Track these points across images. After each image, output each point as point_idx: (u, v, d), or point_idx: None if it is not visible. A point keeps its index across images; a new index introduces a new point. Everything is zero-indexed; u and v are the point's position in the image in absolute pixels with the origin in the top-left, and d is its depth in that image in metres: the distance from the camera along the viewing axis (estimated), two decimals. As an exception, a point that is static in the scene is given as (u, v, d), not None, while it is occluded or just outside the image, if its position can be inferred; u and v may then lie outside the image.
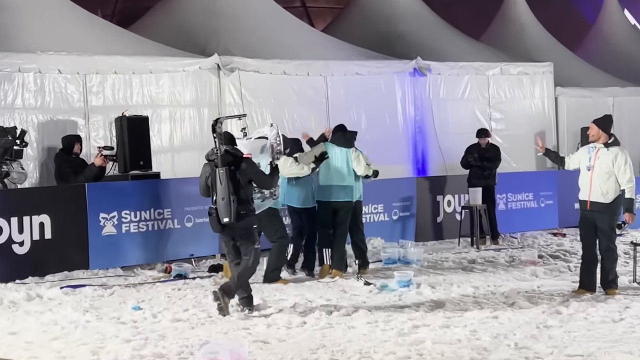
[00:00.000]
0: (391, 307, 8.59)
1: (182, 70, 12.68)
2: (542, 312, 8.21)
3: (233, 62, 12.95)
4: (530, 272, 10.61)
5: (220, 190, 8.43)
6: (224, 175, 8.42)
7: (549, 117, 16.94)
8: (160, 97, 12.59)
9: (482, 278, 10.43)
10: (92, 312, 8.34)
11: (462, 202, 14.10)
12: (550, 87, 16.98)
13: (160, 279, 10.34)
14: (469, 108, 15.85)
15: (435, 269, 11.15)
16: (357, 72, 14.48)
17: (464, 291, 9.41)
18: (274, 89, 13.58)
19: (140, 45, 13.12)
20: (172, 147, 12.70)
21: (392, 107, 14.92)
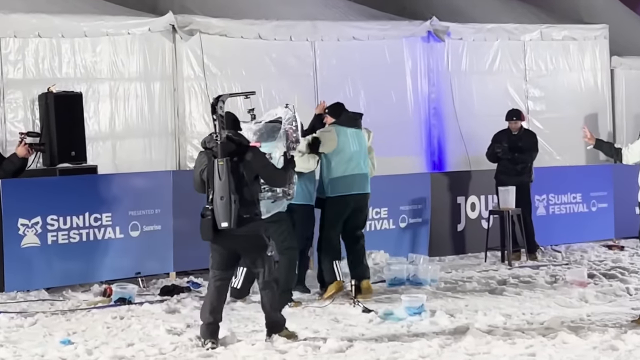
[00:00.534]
0: (397, 340, 8.49)
1: (127, 32, 12.64)
2: (592, 348, 8.11)
3: (193, 23, 12.94)
4: (578, 296, 10.57)
5: (218, 187, 8.42)
6: (224, 168, 8.40)
7: (603, 95, 17.01)
8: (97, 68, 12.56)
9: (515, 304, 10.34)
10: (7, 348, 8.26)
11: (490, 206, 14.12)
12: (604, 57, 17.05)
13: (97, 304, 10.34)
14: (500, 83, 15.92)
15: (455, 291, 11.11)
16: (354, 37, 14.51)
17: (491, 320, 9.31)
18: (246, 57, 13.60)
19: (71, 1, 13.05)
20: (113, 133, 12.68)
21: (400, 81, 14.95)
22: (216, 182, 8.42)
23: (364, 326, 9.23)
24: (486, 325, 9.11)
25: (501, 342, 8.36)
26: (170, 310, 9.99)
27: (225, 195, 8.38)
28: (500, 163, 13.77)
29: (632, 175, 9.89)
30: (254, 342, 8.41)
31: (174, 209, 11.73)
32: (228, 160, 8.39)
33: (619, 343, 8.23)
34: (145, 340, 8.50)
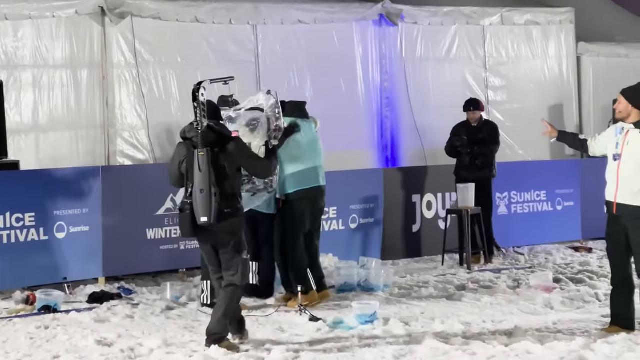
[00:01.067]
0: (348, 351, 8.56)
1: (51, 15, 12.63)
2: (559, 359, 8.21)
3: (124, 5, 12.98)
4: (543, 303, 10.71)
5: (198, 179, 8.50)
6: (204, 159, 8.51)
7: (568, 85, 17.30)
8: (19, 54, 12.56)
9: (475, 311, 10.48)
10: None
11: (448, 204, 14.28)
12: (570, 43, 17.33)
13: (19, 313, 10.34)
14: (458, 71, 16.17)
15: (410, 297, 11.21)
16: (299, 20, 14.63)
17: (449, 329, 9.42)
18: (182, 42, 13.68)
19: None
20: (36, 125, 12.70)
21: (350, 69, 15.11)
22: (196, 174, 8.51)
23: (311, 336, 9.25)
24: (444, 334, 9.18)
25: (460, 353, 8.45)
26: (99, 319, 9.98)
27: (206, 188, 8.48)
28: (460, 158, 13.88)
29: (600, 171, 9.82)
30: (191, 354, 8.43)
31: (103, 208, 11.71)
32: (209, 150, 8.51)
33: (588, 353, 8.33)
34: (73, 352, 8.50)
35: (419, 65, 15.91)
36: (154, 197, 12.39)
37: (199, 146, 8.50)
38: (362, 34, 15.33)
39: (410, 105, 15.59)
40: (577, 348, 8.40)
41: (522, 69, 17.04)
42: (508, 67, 16.85)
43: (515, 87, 17.01)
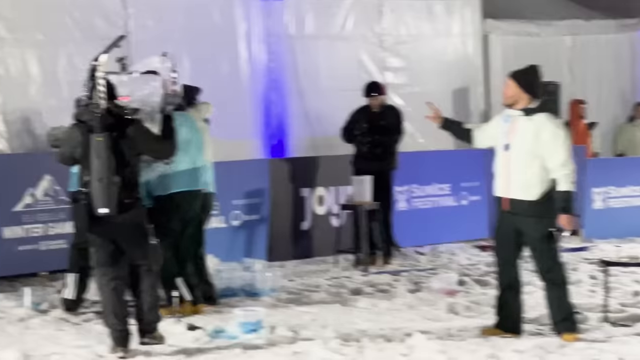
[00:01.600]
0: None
1: None
2: None
3: None
4: (446, 308, 10.79)
5: (96, 167, 8.42)
6: (103, 145, 8.46)
7: (474, 66, 17.51)
8: None
9: (371, 317, 10.51)
10: None
11: (342, 199, 14.29)
12: (476, 20, 17.55)
13: None
14: (352, 51, 16.17)
15: (300, 303, 11.23)
16: None
17: (343, 337, 9.35)
18: (41, 17, 13.49)
19: None
20: None
21: (232, 48, 15.06)
22: (93, 161, 8.47)
23: (188, 346, 9.17)
24: (338, 343, 9.11)
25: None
26: None
27: (105, 176, 8.45)
28: (358, 146, 13.87)
29: (510, 163, 10.28)
30: None
31: None
32: (107, 135, 8.52)
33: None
34: None
35: (308, 44, 15.83)
36: (11, 191, 12.17)
37: (97, 131, 8.44)
38: (245, 9, 15.15)
39: (300, 89, 15.57)
40: (482, 357, 8.46)
41: (423, 49, 17.05)
42: (408, 47, 16.84)
43: (415, 68, 17.01)
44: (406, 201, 15.02)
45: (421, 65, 17.06)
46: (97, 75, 8.62)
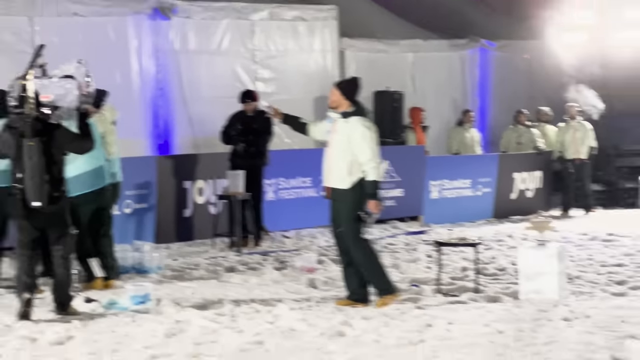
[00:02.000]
0: (122, 330, 8.49)
1: None
2: (320, 334, 8.36)
3: None
4: (307, 283, 10.90)
5: (29, 167, 8.42)
6: (34, 149, 8.41)
7: (332, 77, 17.19)
8: None
9: (243, 291, 10.58)
10: None
11: (220, 190, 14.27)
12: (334, 38, 17.58)
13: None
14: (229, 64, 16.14)
15: (182, 279, 11.23)
16: (75, 13, 14.31)
17: (219, 308, 9.47)
18: None
19: None
20: None
21: (125, 61, 14.95)
22: (26, 162, 8.44)
23: (85, 316, 9.10)
24: (213, 313, 9.23)
25: (229, 331, 8.47)
26: None
27: (37, 175, 8.45)
28: (234, 146, 13.88)
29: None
30: None
31: None
32: (38, 140, 8.43)
33: (347, 329, 8.46)
34: None
35: (191, 58, 15.82)
36: None
37: (28, 136, 8.42)
38: (137, 28, 15.09)
39: (184, 96, 15.50)
40: (337, 324, 8.52)
41: (289, 63, 17.11)
42: (276, 61, 16.90)
43: (282, 79, 17.05)
44: (274, 192, 15.01)
45: (287, 76, 17.05)
46: (27, 88, 8.58)
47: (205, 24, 15.98)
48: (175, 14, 15.34)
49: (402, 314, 9.12)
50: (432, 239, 13.18)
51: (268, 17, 16.69)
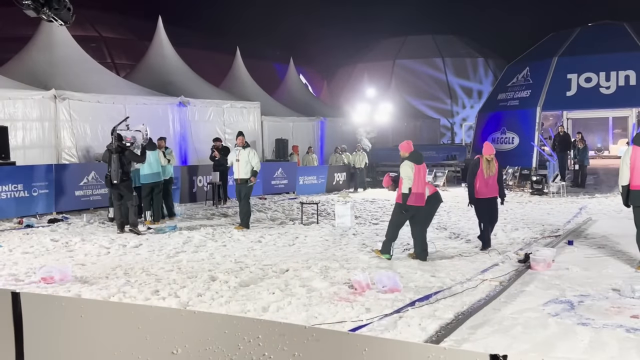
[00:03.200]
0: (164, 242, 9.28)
1: (32, 98, 13.11)
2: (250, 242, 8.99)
3: (65, 94, 13.51)
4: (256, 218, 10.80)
5: (114, 166, 9.62)
6: (116, 158, 9.62)
7: (258, 133, 18.86)
8: (15, 114, 13.02)
9: (218, 223, 11.03)
10: None
11: (208, 180, 14.76)
12: (258, 115, 18.98)
13: (15, 228, 10.63)
14: (212, 127, 17.23)
15: (191, 219, 11.81)
16: (144, 103, 15.34)
17: (206, 231, 10.22)
18: (91, 111, 14.11)
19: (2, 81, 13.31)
20: (24, 145, 13.11)
21: (166, 124, 15.89)
22: (113, 163, 9.60)
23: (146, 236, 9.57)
24: (204, 233, 9.91)
25: (211, 241, 9.25)
26: (53, 230, 10.42)
27: (116, 169, 9.62)
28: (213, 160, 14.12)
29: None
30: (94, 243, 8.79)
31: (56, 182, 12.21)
32: (119, 154, 9.64)
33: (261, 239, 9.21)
34: (39, 244, 8.93)
35: (196, 123, 16.60)
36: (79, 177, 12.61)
37: (114, 152, 9.72)
38: (172, 109, 15.88)
39: (192, 138, 16.40)
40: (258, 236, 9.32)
41: (239, 126, 17.70)
42: (233, 125, 17.81)
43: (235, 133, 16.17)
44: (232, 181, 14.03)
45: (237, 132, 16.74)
46: (115, 135, 9.75)
47: (203, 109, 17.02)
48: (188, 104, 16.36)
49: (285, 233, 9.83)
50: (299, 201, 13.92)
51: (230, 106, 17.89)
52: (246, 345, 1.93)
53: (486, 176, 8.01)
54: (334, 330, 1.89)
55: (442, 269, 6.87)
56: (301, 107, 21.89)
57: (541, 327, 4.66)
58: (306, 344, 1.86)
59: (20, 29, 20.53)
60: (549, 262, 6.92)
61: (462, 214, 12.18)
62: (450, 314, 4.93)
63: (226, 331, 1.96)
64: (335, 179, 18.89)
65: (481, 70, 33.49)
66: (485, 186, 8.01)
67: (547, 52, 20.41)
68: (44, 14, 6.74)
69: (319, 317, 4.91)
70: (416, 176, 7.37)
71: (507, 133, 19.95)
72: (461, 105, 33.03)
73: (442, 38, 34.51)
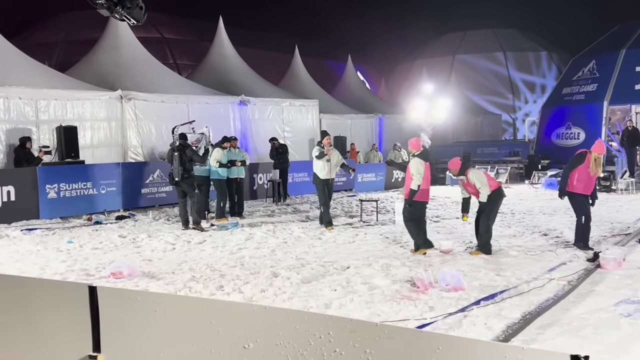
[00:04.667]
0: (227, 238, 9.41)
1: (99, 98, 13.45)
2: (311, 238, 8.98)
3: (130, 94, 13.80)
4: (304, 217, 11.14)
5: (175, 163, 9.84)
6: (177, 156, 9.77)
7: (316, 130, 18.72)
8: (84, 115, 13.36)
9: (279, 219, 11.11)
10: (41, 245, 8.69)
11: (268, 177, 14.88)
12: (316, 113, 18.89)
13: (84, 224, 10.89)
14: (272, 125, 17.28)
15: (252, 216, 12.02)
16: (206, 102, 15.54)
17: (267, 227, 10.25)
18: (156, 111, 14.33)
19: (71, 83, 13.67)
20: (92, 144, 13.45)
21: (227, 123, 16.00)
22: (174, 161, 9.79)
23: (209, 234, 9.60)
24: (266, 230, 9.97)
25: (272, 238, 9.27)
26: (120, 227, 10.62)
27: (177, 167, 9.80)
28: (273, 158, 14.27)
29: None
30: (160, 240, 9.01)
31: (123, 180, 12.58)
32: (180, 152, 9.73)
33: (322, 236, 9.19)
34: (108, 240, 9.18)
35: (256, 121, 16.80)
36: (146, 175, 12.85)
37: (176, 151, 9.87)
38: (233, 108, 15.98)
39: (253, 137, 16.43)
40: (318, 233, 9.27)
41: (298, 124, 18.06)
42: (293, 123, 17.90)
43: (294, 131, 17.98)
44: (292, 178, 15.48)
45: (297, 130, 18.06)
46: (176, 133, 9.92)
47: (262, 107, 17.09)
48: (249, 103, 16.53)
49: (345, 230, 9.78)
50: (358, 198, 13.55)
51: (289, 105, 17.89)
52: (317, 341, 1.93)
53: (592, 174, 7.74)
54: (406, 328, 1.86)
55: (507, 268, 6.70)
56: (359, 105, 21.79)
57: (613, 328, 4.52)
58: (377, 342, 1.83)
59: (87, 32, 21.19)
60: (619, 261, 6.69)
61: (527, 211, 11.96)
62: (517, 313, 4.80)
63: (297, 327, 1.97)
64: (394, 176, 18.88)
65: (544, 64, 32.52)
66: (581, 181, 7.77)
67: (614, 44, 19.67)
68: (117, 13, 6.81)
69: (382, 315, 4.86)
70: (425, 173, 7.54)
71: (572, 128, 19.37)
72: (524, 101, 32.16)
73: (503, 32, 33.68)
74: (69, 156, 12.13)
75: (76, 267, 7.03)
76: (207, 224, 10.37)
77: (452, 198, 14.88)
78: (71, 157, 12.12)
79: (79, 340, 2.33)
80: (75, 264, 7.25)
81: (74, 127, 12.40)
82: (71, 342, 2.35)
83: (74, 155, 12.23)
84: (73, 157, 12.18)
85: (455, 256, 7.56)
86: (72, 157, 12.16)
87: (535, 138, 21.93)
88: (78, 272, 6.74)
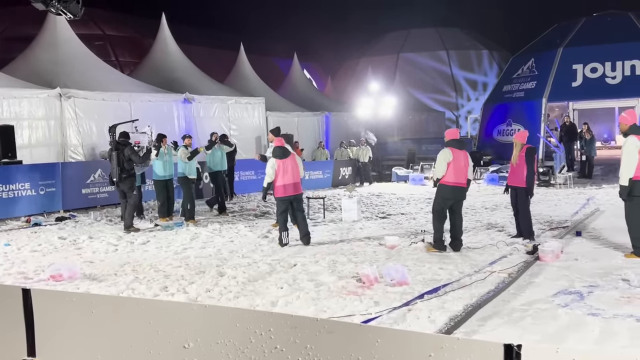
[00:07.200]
0: (171, 238, 9.37)
1: (37, 97, 13.19)
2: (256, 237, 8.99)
3: (70, 92, 13.61)
4: (253, 215, 11.10)
5: (113, 163, 9.68)
6: (115, 155, 9.57)
7: (263, 128, 18.69)
8: (21, 113, 13.10)
9: (225, 219, 11.03)
10: None
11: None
12: (263, 111, 18.87)
13: (23, 227, 10.66)
14: (217, 123, 17.15)
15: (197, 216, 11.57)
16: (149, 100, 15.32)
17: (214, 227, 10.14)
18: (97, 109, 14.12)
19: (7, 80, 13.44)
20: (30, 144, 13.17)
21: (171, 121, 15.90)
22: (112, 161, 9.61)
23: (157, 233, 9.63)
24: (212, 229, 9.92)
25: (218, 237, 9.23)
26: (60, 228, 10.44)
27: (115, 166, 9.66)
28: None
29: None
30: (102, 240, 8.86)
31: (63, 180, 12.38)
32: (118, 152, 9.60)
33: (268, 234, 9.18)
34: (47, 242, 8.99)
35: (201, 119, 16.60)
36: (85, 175, 12.63)
37: (113, 150, 9.75)
38: (177, 106, 15.92)
39: (198, 136, 16.21)
40: (264, 232, 9.24)
41: (244, 122, 18.02)
42: (238, 121, 17.86)
43: (239, 129, 18.03)
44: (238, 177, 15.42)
45: (243, 128, 17.95)
46: (113, 132, 9.76)
47: (207, 105, 16.97)
48: (193, 101, 16.41)
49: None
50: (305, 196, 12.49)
51: (235, 102, 17.89)
52: (258, 339, 1.93)
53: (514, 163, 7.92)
54: (346, 322, 1.88)
55: (450, 262, 6.84)
56: (306, 102, 21.87)
57: (551, 318, 4.65)
58: (318, 337, 1.84)
59: (25, 29, 20.55)
60: (557, 253, 6.89)
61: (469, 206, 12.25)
62: (459, 306, 4.91)
63: (237, 325, 1.96)
64: (341, 173, 18.91)
65: (486, 63, 33.31)
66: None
67: (552, 43, 20.33)
68: (52, 7, 6.55)
69: (328, 311, 4.90)
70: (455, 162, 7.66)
71: (512, 125, 19.87)
72: (466, 98, 32.85)
73: (446, 31, 34.30)
74: (6, 156, 11.89)
75: (13, 270, 6.88)
76: (151, 224, 10.39)
77: (398, 194, 15.26)
78: (8, 158, 11.88)
79: (13, 345, 2.28)
80: (12, 267, 7.11)
81: (11, 126, 12.16)
82: (4, 347, 2.30)
83: (11, 156, 12.00)
84: (10, 157, 11.94)
85: (400, 251, 7.68)
86: (9, 157, 11.92)
87: (478, 135, 22.43)
88: (15, 275, 6.60)
